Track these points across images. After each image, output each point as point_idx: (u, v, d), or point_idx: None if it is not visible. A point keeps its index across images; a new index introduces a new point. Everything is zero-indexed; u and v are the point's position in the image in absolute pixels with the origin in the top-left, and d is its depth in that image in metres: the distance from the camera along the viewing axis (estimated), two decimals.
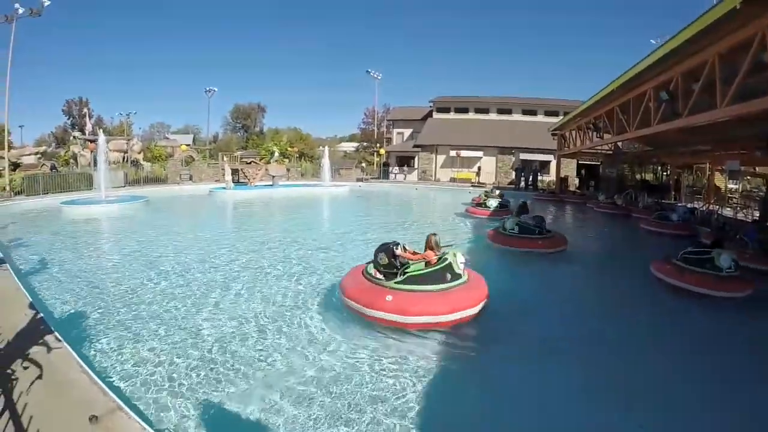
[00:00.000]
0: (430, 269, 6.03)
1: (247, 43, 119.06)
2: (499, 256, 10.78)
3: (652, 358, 5.64)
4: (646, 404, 4.49)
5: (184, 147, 37.29)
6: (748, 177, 32.85)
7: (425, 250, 6.42)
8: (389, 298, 5.69)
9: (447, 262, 6.00)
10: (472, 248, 11.65)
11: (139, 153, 33.04)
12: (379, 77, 48.65)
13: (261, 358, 5.07)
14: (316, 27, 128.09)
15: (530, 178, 34.47)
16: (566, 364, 5.33)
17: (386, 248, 6.25)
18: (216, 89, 54.09)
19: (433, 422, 3.95)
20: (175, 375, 4.56)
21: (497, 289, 7.58)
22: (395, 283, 5.95)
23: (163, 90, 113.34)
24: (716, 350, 6.01)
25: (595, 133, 20.84)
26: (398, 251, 6.25)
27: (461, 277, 6.10)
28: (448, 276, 5.96)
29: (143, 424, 3.38)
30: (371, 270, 6.37)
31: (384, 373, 4.79)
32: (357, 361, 5.01)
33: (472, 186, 33.05)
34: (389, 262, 6.16)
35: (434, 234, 6.55)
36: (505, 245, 11.00)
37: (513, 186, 34.24)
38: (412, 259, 6.23)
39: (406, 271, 6.10)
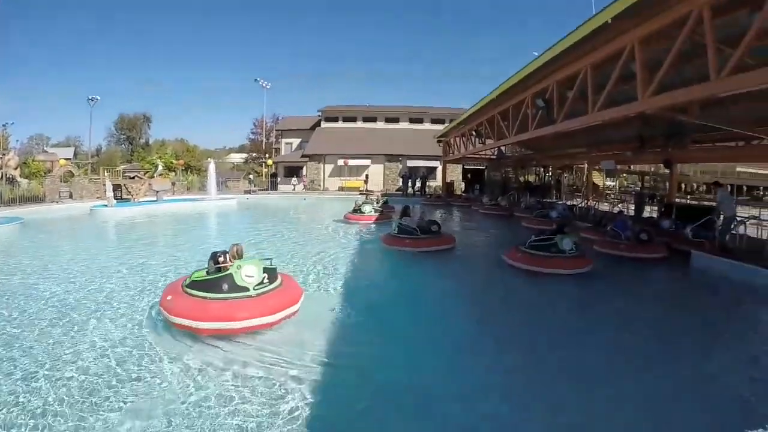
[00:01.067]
0: (209, 277, 6.12)
1: (138, 46, 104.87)
2: (389, 256, 11.43)
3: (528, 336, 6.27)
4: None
5: (62, 161, 32.47)
6: (624, 174, 37.72)
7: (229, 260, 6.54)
8: (169, 297, 5.99)
9: (227, 273, 6.05)
10: (364, 250, 12.36)
11: (16, 169, 27.74)
12: (268, 86, 46.95)
13: (122, 385, 4.51)
14: (207, 31, 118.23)
15: (417, 184, 35.66)
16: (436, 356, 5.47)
17: (213, 256, 6.46)
18: (99, 98, 47.74)
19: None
20: (29, 412, 4.01)
21: (374, 286, 8.75)
22: (184, 285, 6.17)
23: (42, 98, 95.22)
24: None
25: (478, 139, 22.14)
26: (221, 259, 6.42)
27: (246, 291, 6.03)
28: (225, 287, 5.94)
29: None
30: (198, 274, 6.41)
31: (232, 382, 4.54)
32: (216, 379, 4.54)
33: (360, 194, 33.06)
34: (214, 269, 6.33)
35: (237, 244, 6.58)
36: (392, 245, 11.74)
37: (401, 192, 35.07)
38: (223, 267, 6.33)
39: (192, 276, 6.27)
